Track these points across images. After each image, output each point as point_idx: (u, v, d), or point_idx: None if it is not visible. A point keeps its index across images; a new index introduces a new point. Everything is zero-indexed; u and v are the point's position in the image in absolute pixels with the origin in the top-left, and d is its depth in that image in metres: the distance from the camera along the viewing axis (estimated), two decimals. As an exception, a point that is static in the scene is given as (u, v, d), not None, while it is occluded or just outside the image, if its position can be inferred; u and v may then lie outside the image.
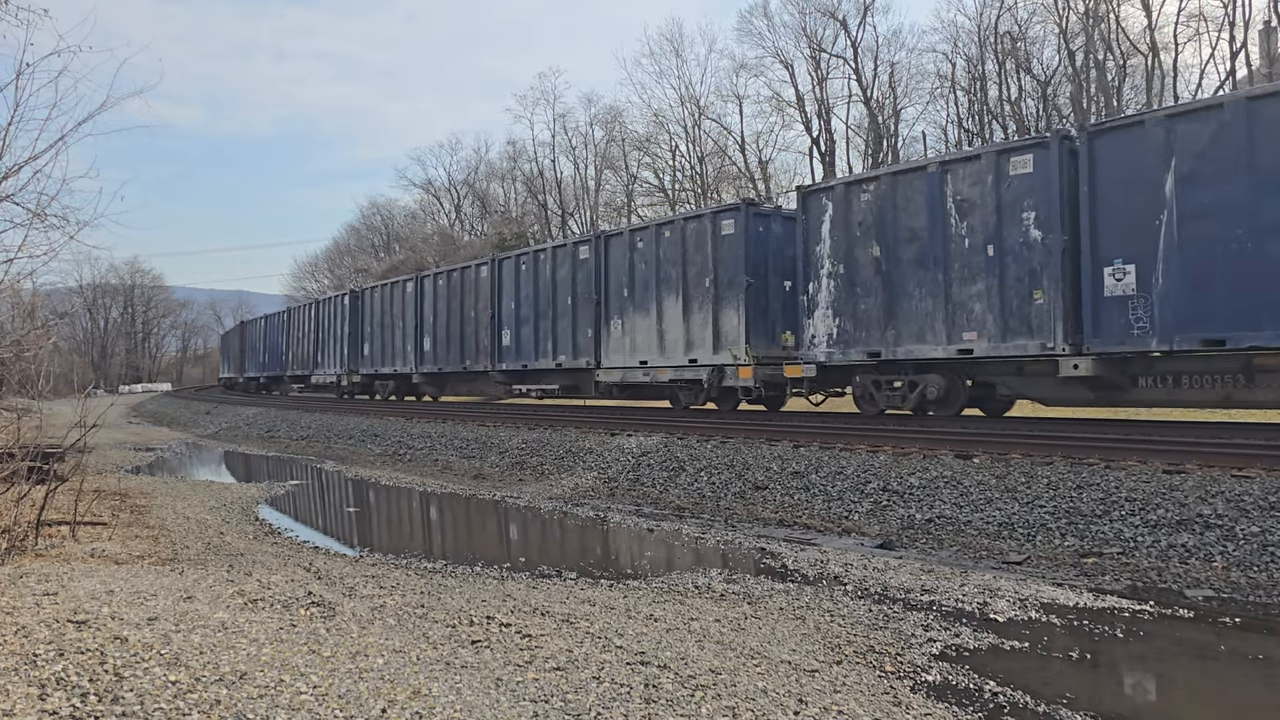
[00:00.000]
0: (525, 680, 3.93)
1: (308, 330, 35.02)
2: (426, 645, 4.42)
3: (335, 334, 31.75)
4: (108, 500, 10.25)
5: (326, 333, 32.80)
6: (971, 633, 5.18)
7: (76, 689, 3.29)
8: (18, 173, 7.87)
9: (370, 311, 29.39)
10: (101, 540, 7.67)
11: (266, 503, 11.58)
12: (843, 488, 9.59)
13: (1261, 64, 32.49)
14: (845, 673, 4.34)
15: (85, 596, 4.77)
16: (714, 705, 3.73)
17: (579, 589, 6.32)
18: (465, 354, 23.73)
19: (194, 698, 3.29)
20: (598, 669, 4.13)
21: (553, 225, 55.11)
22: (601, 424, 15.67)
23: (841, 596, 6.02)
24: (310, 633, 4.43)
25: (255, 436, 23.54)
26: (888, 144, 43.46)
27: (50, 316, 12.46)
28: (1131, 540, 7.15)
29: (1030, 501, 8.14)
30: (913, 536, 8.14)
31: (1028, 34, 39.87)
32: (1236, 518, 6.98)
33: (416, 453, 16.27)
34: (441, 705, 3.47)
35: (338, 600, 5.36)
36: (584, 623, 5.06)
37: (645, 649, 4.52)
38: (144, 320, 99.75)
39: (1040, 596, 5.96)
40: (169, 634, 4.06)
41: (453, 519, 10.74)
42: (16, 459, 8.15)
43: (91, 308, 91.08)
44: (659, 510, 10.08)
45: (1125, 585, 6.33)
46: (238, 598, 5.16)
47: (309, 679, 3.62)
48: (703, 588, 6.34)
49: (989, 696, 4.16)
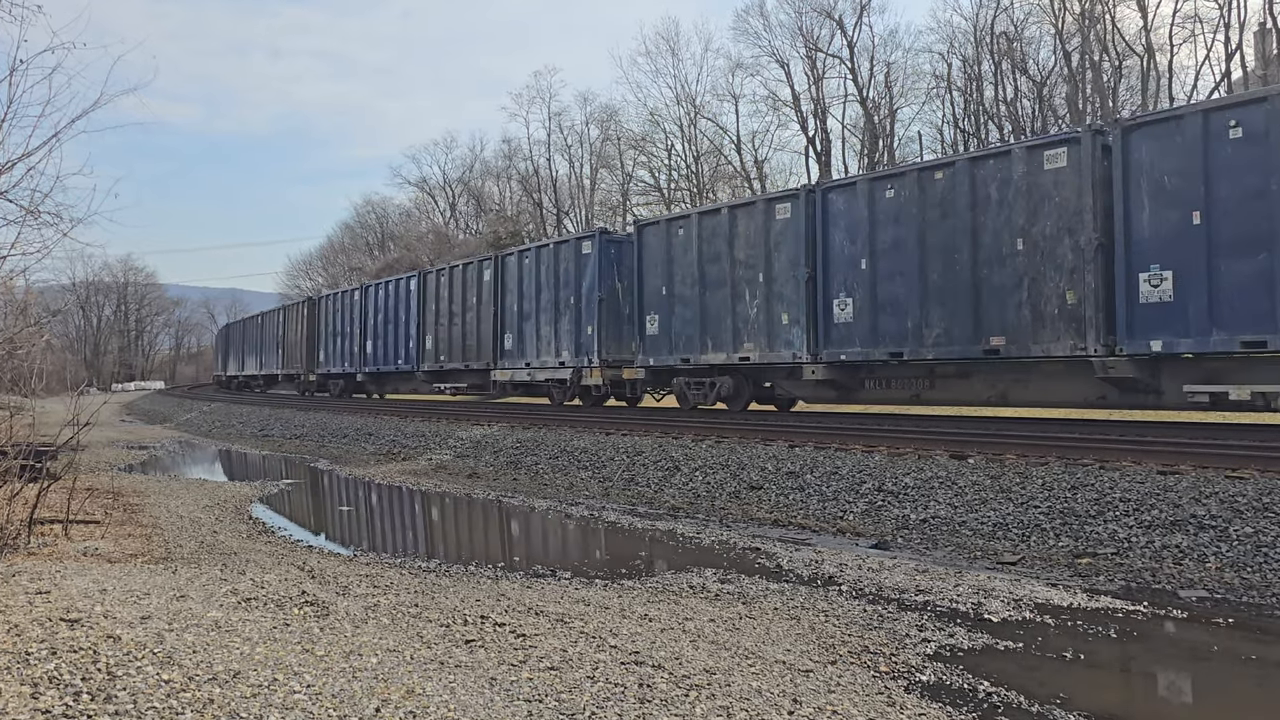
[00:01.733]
0: (519, 680, 3.92)
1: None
2: (420, 644, 4.41)
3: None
4: (101, 499, 10.21)
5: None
6: (966, 633, 5.18)
7: (69, 687, 3.28)
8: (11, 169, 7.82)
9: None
10: (94, 539, 7.64)
11: (260, 501, 11.55)
12: (838, 488, 9.60)
13: (1256, 65, 32.61)
14: (840, 673, 4.34)
15: (78, 595, 4.75)
16: (708, 705, 3.73)
17: (573, 588, 6.31)
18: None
19: (187, 696, 3.28)
20: (592, 669, 4.13)
21: (548, 224, 55.11)
22: (596, 424, 15.67)
23: (836, 597, 6.02)
24: (304, 632, 4.42)
25: (249, 435, 23.49)
26: (883, 144, 43.55)
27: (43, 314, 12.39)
28: (1126, 541, 7.16)
29: (1025, 502, 8.15)
30: (907, 537, 8.15)
31: (1024, 34, 40.02)
32: (1230, 519, 7.00)
33: (411, 451, 16.24)
34: (435, 705, 3.46)
35: (331, 599, 5.34)
36: (578, 622, 5.06)
37: (640, 649, 4.52)
38: (137, 318, 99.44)
39: (1034, 597, 5.97)
40: (162, 633, 4.05)
41: (447, 518, 10.73)
42: (9, 457, 8.12)
43: (85, 305, 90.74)
44: (654, 510, 10.07)
45: (1119, 586, 6.34)
46: (231, 596, 5.15)
47: (303, 678, 3.61)
48: (697, 588, 6.34)
49: (983, 696, 4.16)
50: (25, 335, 9.55)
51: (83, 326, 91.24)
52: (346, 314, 30.37)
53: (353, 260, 71.79)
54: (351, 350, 29.97)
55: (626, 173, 52.68)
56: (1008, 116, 40.21)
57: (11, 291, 9.49)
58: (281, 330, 37.38)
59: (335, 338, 31.32)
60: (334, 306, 31.73)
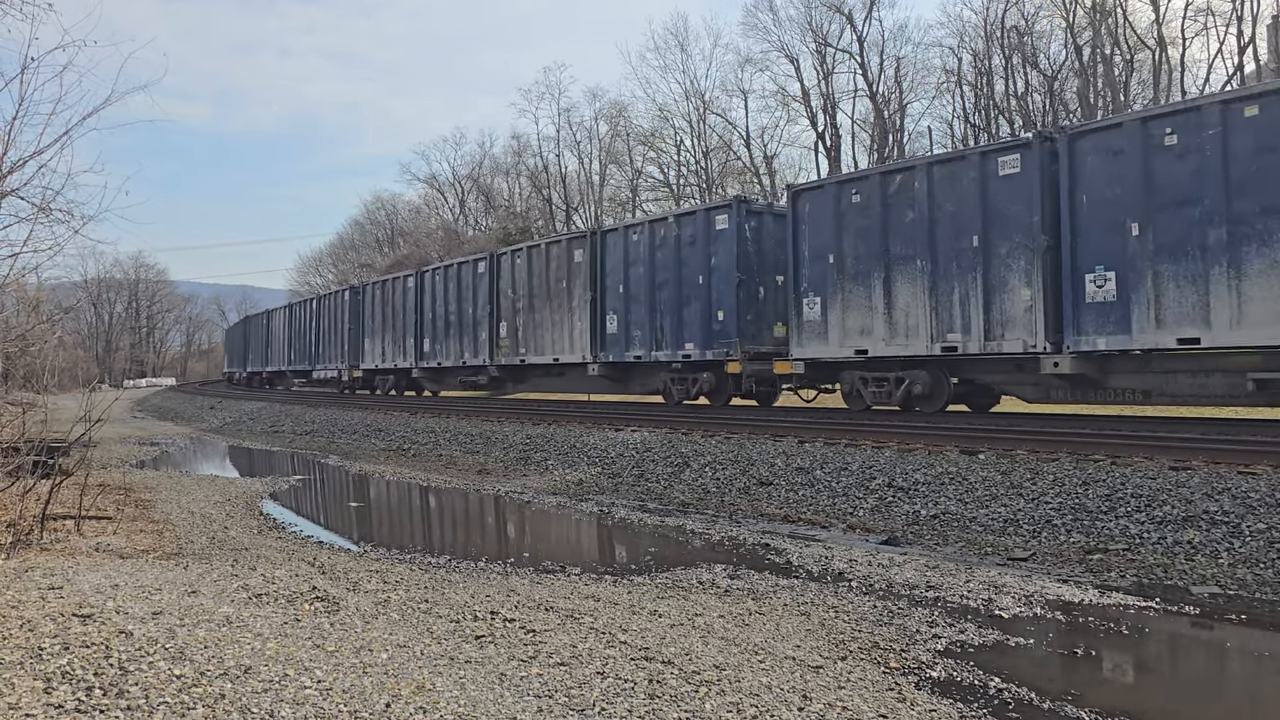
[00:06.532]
0: (529, 675, 3.93)
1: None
2: (430, 640, 4.42)
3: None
4: (112, 495, 10.26)
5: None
6: (977, 629, 5.17)
7: (81, 682, 3.30)
8: (22, 167, 7.87)
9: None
10: (106, 535, 7.68)
11: (270, 497, 11.59)
12: (847, 484, 9.58)
13: (1270, 59, 32.34)
14: (850, 669, 4.33)
15: (90, 590, 4.78)
16: (718, 701, 3.72)
17: (583, 584, 6.31)
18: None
19: (199, 692, 3.29)
20: (602, 664, 4.13)
21: (557, 220, 55.08)
22: (605, 419, 15.67)
23: (846, 593, 6.01)
24: (315, 628, 4.44)
25: (259, 431, 23.57)
26: (893, 139, 43.38)
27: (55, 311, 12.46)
28: (1137, 537, 7.13)
29: (1036, 498, 8.12)
30: (918, 533, 8.12)
31: (1034, 28, 39.77)
32: (1243, 514, 6.96)
33: (420, 448, 16.28)
34: (445, 700, 3.47)
35: (342, 595, 5.36)
36: (588, 618, 5.06)
37: (649, 645, 4.52)
38: (148, 315, 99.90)
39: (1046, 593, 5.94)
40: (174, 628, 4.06)
41: (457, 514, 10.75)
42: (22, 453, 8.17)
43: (96, 302, 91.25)
44: (663, 506, 10.06)
45: (1131, 582, 6.31)
46: (242, 592, 5.17)
47: (313, 674, 3.62)
48: (707, 583, 6.33)
49: (994, 693, 4.14)
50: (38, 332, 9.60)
51: (94, 323, 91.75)
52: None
53: (362, 257, 71.97)
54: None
55: (636, 169, 52.64)
56: (1019, 111, 40.00)
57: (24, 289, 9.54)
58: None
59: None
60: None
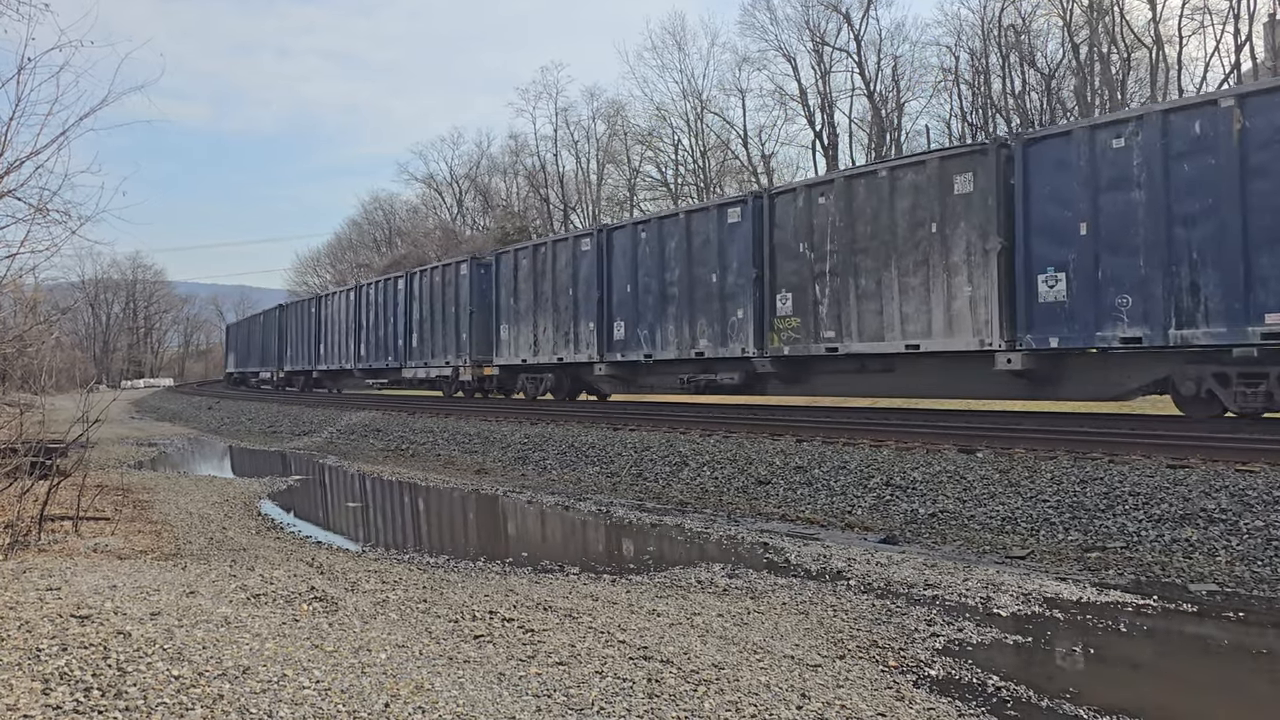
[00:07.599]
0: (528, 675, 3.93)
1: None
2: (429, 640, 4.42)
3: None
4: (110, 495, 10.25)
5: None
6: (975, 627, 5.17)
7: (80, 683, 3.29)
8: (19, 168, 7.85)
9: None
10: (104, 535, 7.68)
11: (269, 498, 11.58)
12: (846, 483, 9.58)
13: (1266, 57, 32.37)
14: (848, 667, 4.34)
15: (88, 591, 4.78)
16: (717, 700, 3.73)
17: (581, 584, 6.31)
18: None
19: (197, 692, 3.29)
20: (600, 664, 4.13)
21: (555, 219, 55.06)
22: (604, 419, 15.66)
23: (844, 591, 6.01)
24: (313, 628, 4.43)
25: (257, 432, 23.55)
26: (891, 137, 43.38)
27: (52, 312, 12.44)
28: (1135, 535, 7.13)
29: (1034, 496, 8.13)
30: (916, 531, 8.13)
31: (1031, 27, 39.77)
32: (1240, 512, 6.97)
33: (419, 448, 16.27)
34: (444, 700, 3.47)
35: (340, 595, 5.36)
36: (587, 618, 5.06)
37: (648, 644, 4.52)
38: (146, 315, 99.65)
39: (1044, 591, 5.95)
40: (172, 629, 4.06)
41: (455, 514, 10.74)
42: (19, 454, 8.16)
43: (93, 303, 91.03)
44: (661, 505, 10.06)
45: (1129, 580, 6.32)
46: (240, 593, 5.16)
47: (312, 674, 3.61)
48: (705, 583, 6.33)
49: (992, 691, 4.15)
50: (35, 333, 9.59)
51: (92, 324, 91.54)
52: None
53: (360, 257, 71.93)
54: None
55: (633, 168, 52.61)
56: (1016, 110, 40.01)
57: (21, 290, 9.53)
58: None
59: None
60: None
